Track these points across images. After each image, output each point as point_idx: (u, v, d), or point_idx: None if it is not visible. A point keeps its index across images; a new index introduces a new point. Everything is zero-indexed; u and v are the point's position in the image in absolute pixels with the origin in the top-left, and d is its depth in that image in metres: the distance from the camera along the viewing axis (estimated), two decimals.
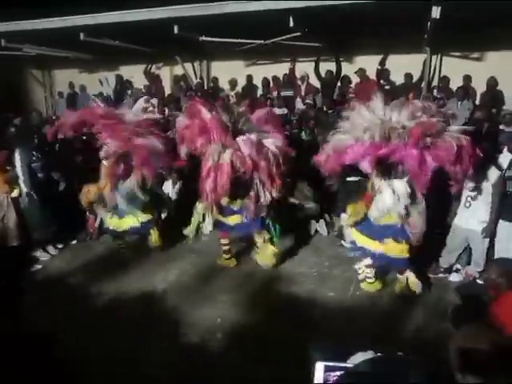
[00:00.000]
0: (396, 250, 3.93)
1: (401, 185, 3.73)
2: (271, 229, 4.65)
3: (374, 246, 4.04)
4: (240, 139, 4.06)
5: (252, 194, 4.30)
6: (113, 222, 4.98)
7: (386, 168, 3.72)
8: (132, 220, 4.91)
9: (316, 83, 8.79)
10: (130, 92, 9.93)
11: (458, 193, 4.13)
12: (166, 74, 10.44)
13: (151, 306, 4.06)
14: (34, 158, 5.09)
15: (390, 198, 3.74)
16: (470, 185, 4.16)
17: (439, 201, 4.25)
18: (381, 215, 3.87)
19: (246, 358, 3.23)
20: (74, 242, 5.59)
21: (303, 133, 6.31)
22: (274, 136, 4.30)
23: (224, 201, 4.42)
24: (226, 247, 4.84)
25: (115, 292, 4.30)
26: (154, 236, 5.11)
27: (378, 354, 1.12)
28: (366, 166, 3.66)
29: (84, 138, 6.31)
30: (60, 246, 5.43)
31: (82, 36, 7.56)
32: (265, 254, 4.65)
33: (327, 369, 1.17)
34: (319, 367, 1.18)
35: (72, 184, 5.58)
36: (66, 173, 5.65)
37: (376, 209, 3.88)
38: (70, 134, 4.71)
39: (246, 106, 4.53)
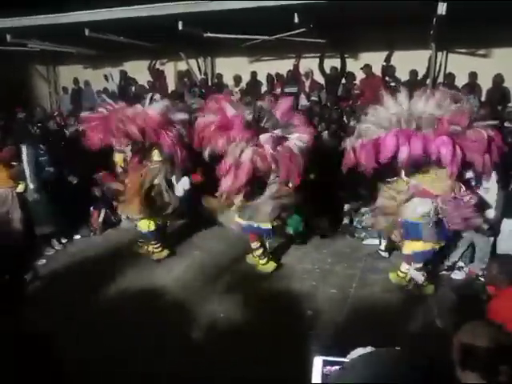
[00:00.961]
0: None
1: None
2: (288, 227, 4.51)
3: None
4: (263, 137, 3.93)
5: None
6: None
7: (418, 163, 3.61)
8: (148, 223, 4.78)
9: (320, 79, 8.77)
10: (134, 88, 9.93)
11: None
12: (170, 70, 10.43)
13: (153, 303, 4.06)
14: (42, 152, 5.10)
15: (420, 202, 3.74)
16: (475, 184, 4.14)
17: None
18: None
19: (247, 356, 3.23)
20: (78, 236, 5.62)
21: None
22: (300, 130, 4.11)
23: (239, 201, 4.29)
24: (259, 251, 4.57)
25: (117, 289, 4.32)
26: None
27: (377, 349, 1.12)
28: (403, 156, 3.42)
29: None
30: (64, 240, 5.46)
31: (86, 32, 7.57)
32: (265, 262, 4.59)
33: (326, 363, 1.18)
34: (317, 362, 1.19)
35: (78, 179, 5.60)
36: (72, 167, 5.65)
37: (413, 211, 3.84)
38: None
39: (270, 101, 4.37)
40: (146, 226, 4.76)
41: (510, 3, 5.47)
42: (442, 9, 5.69)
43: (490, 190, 4.13)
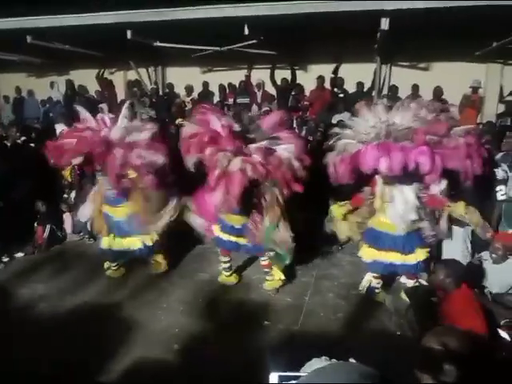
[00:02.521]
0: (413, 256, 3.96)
1: (410, 192, 3.76)
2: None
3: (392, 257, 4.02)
4: (252, 147, 3.84)
5: (256, 216, 4.09)
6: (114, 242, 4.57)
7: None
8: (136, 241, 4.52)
9: (272, 90, 8.90)
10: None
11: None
12: (120, 80, 10.20)
13: (105, 319, 3.89)
14: None
15: (401, 205, 3.75)
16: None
17: None
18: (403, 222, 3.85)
19: (201, 370, 3.17)
20: (21, 254, 5.29)
21: None
22: (289, 142, 4.02)
23: (224, 216, 4.19)
24: (227, 264, 4.56)
25: (66, 307, 4.11)
26: (158, 260, 4.74)
27: (332, 361, 1.13)
28: (385, 165, 3.40)
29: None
30: (5, 259, 5.13)
31: (28, 39, 7.24)
32: (273, 279, 4.42)
33: (282, 379, 1.17)
34: (273, 378, 1.18)
35: (21, 192, 5.27)
36: (13, 180, 5.31)
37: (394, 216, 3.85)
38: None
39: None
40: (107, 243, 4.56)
41: (447, 21, 5.84)
42: (385, 24, 5.97)
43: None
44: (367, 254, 4.13)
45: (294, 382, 1.12)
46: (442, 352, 1.38)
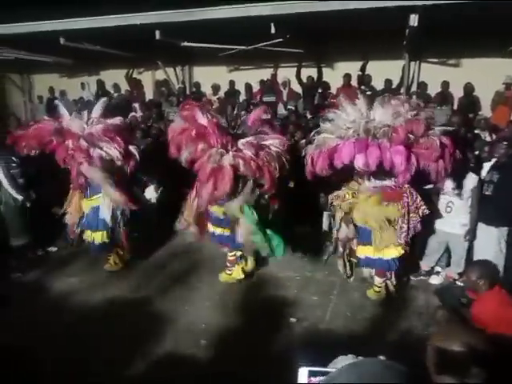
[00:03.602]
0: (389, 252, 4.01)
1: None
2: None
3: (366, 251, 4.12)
4: (242, 142, 3.93)
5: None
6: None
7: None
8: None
9: (298, 89, 8.88)
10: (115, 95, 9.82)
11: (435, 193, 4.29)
12: (148, 79, 10.39)
13: (134, 314, 3.99)
14: (14, 165, 4.98)
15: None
16: (450, 190, 4.26)
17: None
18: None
19: (231, 366, 3.20)
20: (54, 248, 5.48)
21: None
22: (273, 137, 4.11)
23: (212, 208, 4.27)
24: (233, 260, 4.57)
25: (96, 300, 4.23)
26: (112, 258, 4.87)
27: (359, 358, 1.14)
28: (361, 162, 3.47)
29: None
30: (40, 252, 5.32)
31: (61, 41, 7.47)
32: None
33: (311, 374, 1.19)
34: (303, 372, 1.20)
35: (51, 189, 5.46)
36: (45, 178, 5.51)
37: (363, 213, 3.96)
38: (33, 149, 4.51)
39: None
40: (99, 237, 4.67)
41: (478, 15, 5.69)
42: (414, 20, 5.87)
43: (465, 194, 4.25)
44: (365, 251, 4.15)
45: (322, 377, 1.14)
46: (466, 354, 1.36)
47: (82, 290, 4.44)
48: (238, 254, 4.53)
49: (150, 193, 5.81)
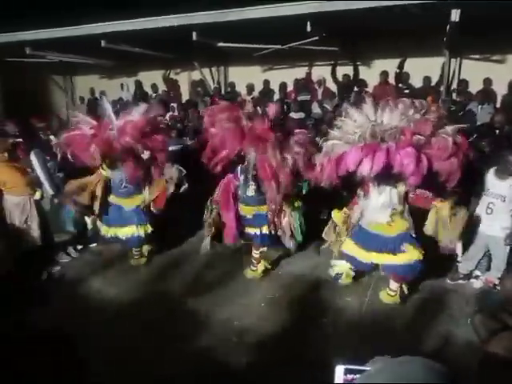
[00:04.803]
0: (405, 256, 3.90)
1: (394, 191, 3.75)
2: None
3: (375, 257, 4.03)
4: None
5: (272, 205, 4.25)
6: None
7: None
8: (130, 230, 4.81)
9: (333, 87, 8.80)
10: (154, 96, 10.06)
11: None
12: (184, 80, 10.58)
13: (167, 308, 4.09)
14: (48, 158, 5.11)
15: (376, 203, 3.78)
16: (492, 191, 4.12)
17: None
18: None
19: (266, 364, 3.24)
20: (94, 244, 5.68)
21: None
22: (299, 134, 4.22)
23: (242, 210, 4.40)
24: (258, 257, 4.68)
25: (131, 295, 4.36)
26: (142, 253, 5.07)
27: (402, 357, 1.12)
28: (366, 168, 3.35)
29: None
30: (80, 247, 5.53)
31: (103, 43, 7.74)
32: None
33: (347, 371, 1.19)
34: (339, 370, 1.20)
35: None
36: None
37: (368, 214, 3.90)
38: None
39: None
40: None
41: None
42: (455, 16, 5.69)
43: (508, 196, 4.09)
44: (351, 248, 4.11)
45: (359, 375, 1.14)
46: (506, 358, 1.33)
47: (114, 286, 4.59)
48: (264, 249, 4.63)
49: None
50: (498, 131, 5.88)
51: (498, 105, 7.52)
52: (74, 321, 3.55)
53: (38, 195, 4.99)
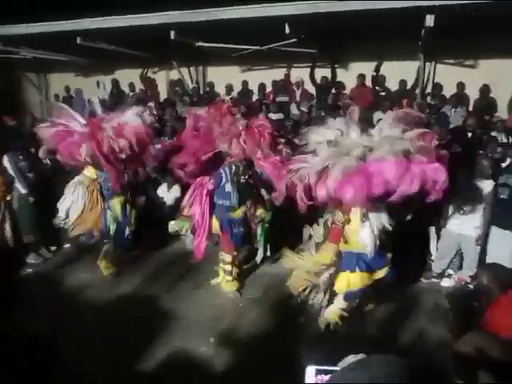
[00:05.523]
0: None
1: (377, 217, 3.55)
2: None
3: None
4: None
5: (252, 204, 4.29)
6: None
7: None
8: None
9: (311, 89, 8.86)
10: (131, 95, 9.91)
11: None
12: (162, 79, 10.47)
13: (146, 309, 4.05)
14: (21, 157, 5.01)
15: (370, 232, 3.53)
16: (464, 192, 4.22)
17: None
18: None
19: (240, 366, 3.25)
20: (68, 245, 5.54)
21: None
22: None
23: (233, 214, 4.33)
24: (229, 266, 4.45)
25: (108, 296, 4.29)
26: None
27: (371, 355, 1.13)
28: (405, 188, 3.05)
29: None
30: (53, 248, 5.40)
31: (78, 40, 7.58)
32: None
33: (318, 372, 1.19)
34: (310, 371, 1.20)
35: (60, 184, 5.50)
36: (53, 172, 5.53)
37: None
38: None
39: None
40: None
41: (495, 16, 5.61)
42: (430, 21, 5.81)
43: (477, 198, 4.20)
44: (352, 282, 3.62)
45: (330, 375, 1.14)
46: (476, 357, 1.36)
47: (94, 285, 4.51)
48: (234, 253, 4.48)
49: (163, 192, 5.87)
50: (470, 134, 6.04)
51: (470, 108, 7.71)
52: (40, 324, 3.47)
53: (10, 196, 4.88)
